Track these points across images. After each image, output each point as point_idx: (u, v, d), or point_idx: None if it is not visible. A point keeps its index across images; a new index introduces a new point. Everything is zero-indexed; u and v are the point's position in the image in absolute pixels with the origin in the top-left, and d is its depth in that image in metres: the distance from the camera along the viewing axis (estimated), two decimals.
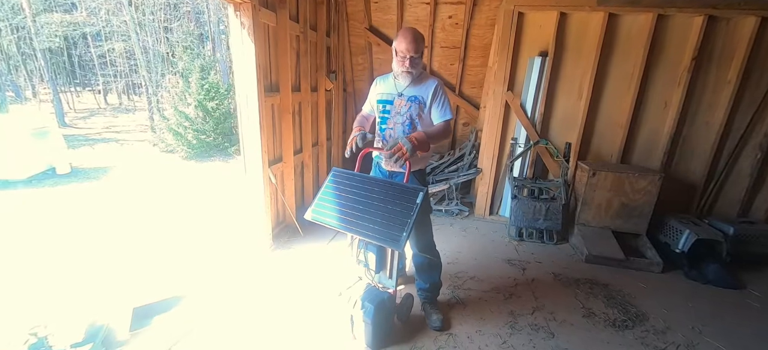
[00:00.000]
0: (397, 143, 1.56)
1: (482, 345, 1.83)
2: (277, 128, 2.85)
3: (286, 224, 3.06)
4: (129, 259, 2.73)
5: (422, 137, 1.61)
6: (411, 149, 1.55)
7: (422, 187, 1.61)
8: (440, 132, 1.73)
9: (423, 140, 1.60)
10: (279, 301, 2.13)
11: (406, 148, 1.54)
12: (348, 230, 1.61)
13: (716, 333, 1.98)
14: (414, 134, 1.62)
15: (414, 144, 1.56)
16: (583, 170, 2.95)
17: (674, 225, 2.76)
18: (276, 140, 2.87)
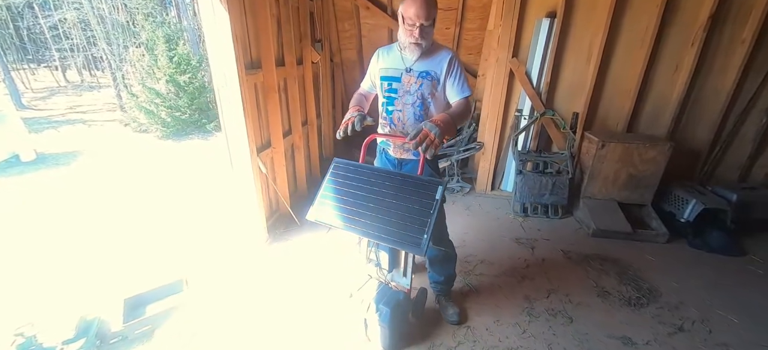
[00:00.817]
0: (421, 130, 1.30)
1: (502, 337, 1.76)
2: (262, 109, 2.56)
3: (281, 213, 2.86)
4: (115, 250, 2.53)
5: (448, 120, 1.36)
6: (439, 134, 1.29)
7: (441, 180, 1.43)
8: (463, 112, 1.51)
9: (449, 123, 1.36)
10: (283, 300, 1.98)
11: (434, 134, 1.28)
12: (358, 233, 1.43)
13: (726, 305, 1.99)
14: (439, 117, 1.36)
15: (441, 129, 1.31)
16: (591, 142, 2.83)
17: (679, 194, 2.73)
18: (262, 124, 2.58)
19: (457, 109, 1.51)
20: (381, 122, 1.75)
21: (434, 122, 1.32)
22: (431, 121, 1.33)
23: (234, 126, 2.22)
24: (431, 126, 1.30)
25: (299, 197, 3.17)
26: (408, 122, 1.64)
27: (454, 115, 1.44)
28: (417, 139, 1.28)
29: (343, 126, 1.52)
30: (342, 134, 1.52)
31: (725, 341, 1.74)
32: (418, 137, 1.28)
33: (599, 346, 1.71)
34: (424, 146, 1.27)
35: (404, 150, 1.72)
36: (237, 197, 2.45)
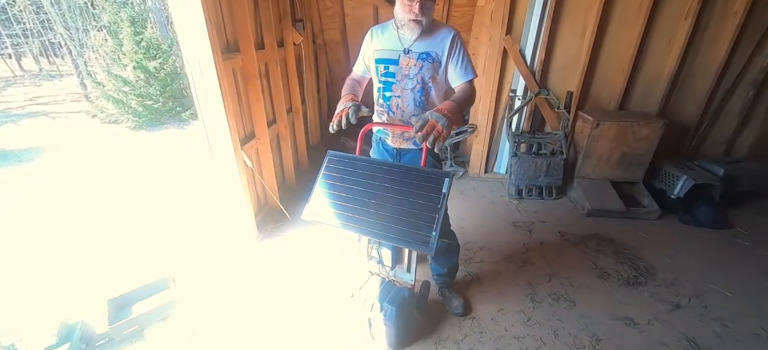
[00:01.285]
0: (427, 121, 1.17)
1: (508, 326, 1.73)
2: (243, 98, 2.36)
3: (269, 208, 2.71)
4: (94, 250, 2.37)
5: (455, 108, 1.24)
6: (447, 125, 1.17)
7: (448, 172, 1.33)
8: (469, 98, 1.40)
9: (457, 112, 1.24)
10: (279, 299, 1.88)
11: (442, 125, 1.16)
12: (360, 233, 1.33)
13: (718, 279, 2.03)
14: (445, 106, 1.24)
15: (449, 119, 1.19)
16: (585, 121, 2.80)
17: (670, 171, 2.76)
18: (244, 113, 2.39)
19: (462, 95, 1.38)
20: (377, 110, 1.63)
21: (441, 112, 1.19)
22: (437, 110, 1.21)
23: (213, 118, 2.03)
24: (438, 116, 1.18)
25: (288, 190, 3.02)
26: (407, 109, 1.52)
27: (461, 102, 1.33)
28: (423, 131, 1.16)
29: (336, 118, 1.38)
30: (335, 127, 1.38)
31: (720, 315, 1.79)
32: (424, 129, 1.16)
33: (604, 329, 1.71)
34: (432, 138, 1.15)
35: (404, 139, 1.61)
36: (222, 193, 2.29)
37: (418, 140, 1.16)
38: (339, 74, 4.58)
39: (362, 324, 1.64)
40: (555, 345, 1.64)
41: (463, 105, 1.34)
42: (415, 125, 1.18)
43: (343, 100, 1.46)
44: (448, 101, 1.30)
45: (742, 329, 1.70)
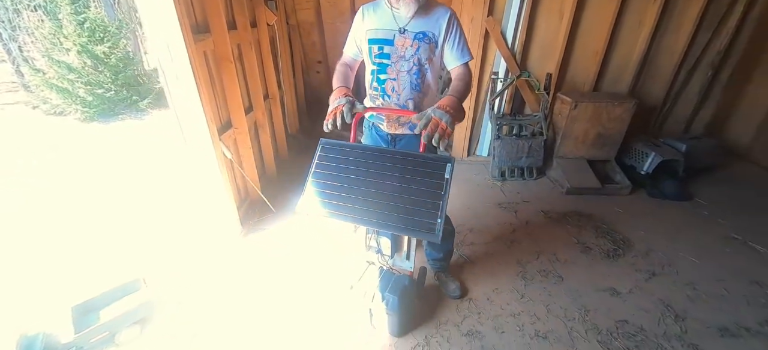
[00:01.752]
0: (430, 118, 1.14)
1: (503, 304, 1.78)
2: (217, 83, 2.18)
3: (251, 201, 2.57)
4: (57, 254, 2.14)
5: (457, 104, 1.22)
6: (451, 122, 1.16)
7: (450, 157, 1.30)
8: (467, 86, 1.36)
9: (458, 107, 1.22)
10: (272, 297, 1.80)
11: (445, 122, 1.14)
12: (362, 223, 1.27)
13: (686, 247, 2.21)
14: (446, 101, 1.21)
15: (452, 115, 1.17)
16: (564, 102, 2.88)
17: (639, 149, 2.93)
18: (219, 101, 2.22)
19: (460, 84, 1.34)
20: (370, 93, 1.55)
21: (443, 109, 1.17)
22: (439, 107, 1.18)
23: (187, 107, 1.85)
24: (441, 113, 1.15)
25: (269, 181, 2.88)
26: (403, 92, 1.46)
27: (461, 94, 1.30)
28: (427, 129, 1.13)
29: (329, 117, 1.28)
30: (330, 126, 1.28)
31: (690, 279, 1.94)
32: (428, 127, 1.13)
33: (591, 300, 1.81)
34: (437, 136, 1.12)
35: (399, 124, 1.55)
36: (200, 187, 2.13)
37: (424, 138, 1.13)
38: (314, 58, 4.39)
39: (363, 315, 1.61)
40: (548, 318, 1.71)
41: (463, 97, 1.31)
42: (418, 124, 1.15)
43: (336, 94, 1.36)
44: (448, 95, 1.26)
45: (709, 291, 1.87)
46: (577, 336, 1.61)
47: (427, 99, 1.52)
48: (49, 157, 3.98)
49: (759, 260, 2.08)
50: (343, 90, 1.37)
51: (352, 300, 1.57)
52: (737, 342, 1.59)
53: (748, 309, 1.76)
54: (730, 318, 1.70)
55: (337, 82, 1.44)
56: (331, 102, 1.35)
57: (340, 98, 1.31)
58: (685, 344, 1.57)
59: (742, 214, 2.50)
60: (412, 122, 1.16)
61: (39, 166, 3.69)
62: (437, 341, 1.58)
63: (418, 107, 1.50)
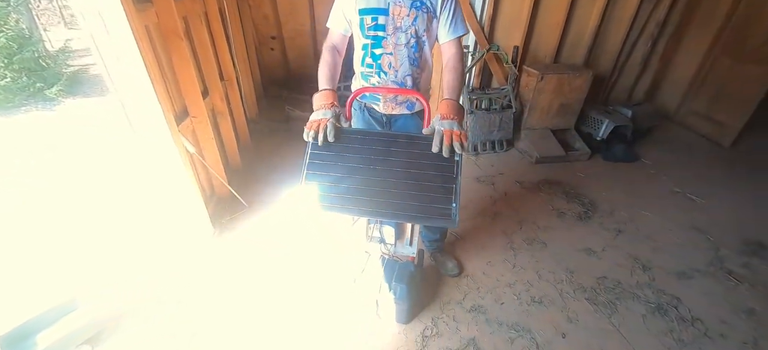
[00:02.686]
0: (441, 135, 1.09)
1: (498, 276, 1.84)
2: (166, 64, 1.85)
3: (219, 197, 2.31)
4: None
5: (457, 107, 1.16)
6: (459, 126, 1.12)
7: None
8: (461, 77, 1.30)
9: (457, 109, 1.16)
10: (262, 299, 1.65)
11: (457, 130, 1.10)
12: (373, 215, 1.18)
13: (640, 203, 2.47)
14: (447, 110, 1.13)
15: (459, 120, 1.13)
16: (530, 75, 2.98)
17: (594, 116, 3.18)
18: (170, 85, 1.89)
19: (453, 77, 1.26)
20: (363, 71, 1.41)
21: (448, 118, 1.12)
22: (444, 118, 1.12)
23: (135, 94, 1.54)
24: (450, 123, 1.11)
25: (235, 173, 2.60)
26: (401, 68, 1.35)
27: (458, 92, 1.26)
28: (447, 144, 1.07)
29: (311, 129, 1.13)
30: (309, 138, 1.13)
31: (649, 233, 2.19)
32: (446, 143, 1.07)
33: (573, 261, 1.94)
34: (458, 145, 1.07)
35: (396, 104, 1.45)
36: (160, 187, 1.84)
37: (445, 153, 1.08)
38: (267, 33, 3.99)
39: (367, 307, 1.55)
40: (540, 283, 1.81)
41: (460, 94, 1.26)
42: (435, 146, 1.09)
43: (321, 100, 1.19)
44: (446, 100, 1.18)
45: (666, 241, 2.12)
46: (568, 297, 1.73)
47: (425, 75, 1.43)
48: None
49: (697, 209, 2.41)
50: (330, 96, 1.21)
51: (354, 293, 1.49)
52: (693, 283, 1.83)
53: (696, 252, 2.03)
54: (684, 262, 1.96)
55: (323, 81, 1.27)
56: (315, 105, 1.19)
57: (326, 110, 1.17)
58: (654, 290, 1.78)
59: (679, 170, 2.87)
60: (433, 149, 1.10)
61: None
62: (444, 321, 1.59)
63: (417, 85, 1.40)
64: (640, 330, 1.58)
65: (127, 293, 1.68)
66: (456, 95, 1.24)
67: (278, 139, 3.18)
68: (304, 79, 4.17)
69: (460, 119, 1.15)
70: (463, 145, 1.09)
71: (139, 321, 1.56)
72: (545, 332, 1.56)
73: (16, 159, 3.15)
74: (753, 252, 2.02)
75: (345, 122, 1.21)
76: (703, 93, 3.48)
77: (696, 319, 1.63)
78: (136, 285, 1.71)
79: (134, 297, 1.66)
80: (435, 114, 1.18)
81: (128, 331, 1.51)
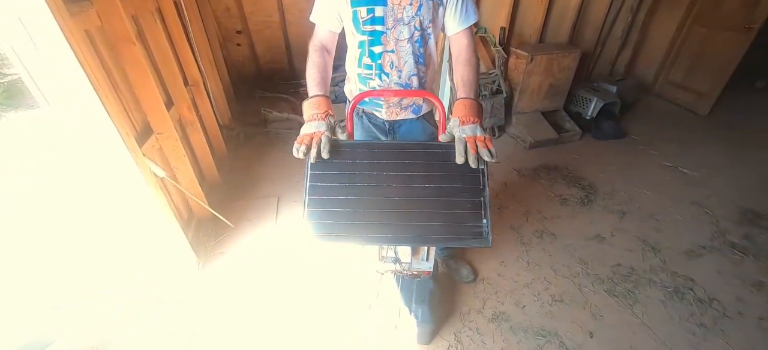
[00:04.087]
0: (464, 143, 0.93)
1: (514, 277, 1.75)
2: (116, 74, 1.56)
3: (199, 219, 2.05)
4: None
5: (477, 107, 1.00)
6: (482, 129, 0.96)
7: None
8: (476, 71, 1.12)
9: (478, 111, 0.99)
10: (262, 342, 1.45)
11: (480, 134, 0.94)
12: (398, 243, 1.03)
13: (636, 181, 2.47)
14: (462, 112, 0.97)
15: (480, 122, 0.98)
16: (519, 57, 2.87)
17: (582, 95, 3.15)
18: (126, 100, 1.60)
19: (468, 72, 1.08)
20: (360, 73, 1.21)
21: (469, 122, 0.95)
22: (464, 123, 0.95)
23: (82, 117, 1.26)
24: (473, 128, 0.94)
25: (214, 189, 2.33)
26: (405, 67, 1.18)
27: (476, 89, 1.08)
28: (473, 153, 0.91)
29: (302, 143, 0.93)
30: (300, 155, 0.93)
31: (650, 211, 2.18)
32: (472, 152, 0.92)
33: (585, 251, 1.89)
34: (486, 152, 0.91)
35: (401, 108, 1.27)
36: (125, 221, 1.57)
37: (472, 164, 0.92)
38: (231, 28, 3.62)
39: (384, 331, 1.40)
40: (557, 279, 1.73)
41: (478, 89, 1.10)
42: (459, 157, 0.92)
43: (311, 109, 0.98)
44: (462, 99, 1.01)
45: (668, 218, 2.12)
46: (587, 291, 1.67)
47: (430, 72, 1.27)
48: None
49: (691, 182, 2.44)
50: (323, 104, 1.00)
51: (371, 320, 1.34)
52: (702, 261, 1.83)
53: (698, 228, 2.05)
54: (689, 239, 1.96)
55: (313, 86, 1.06)
56: (306, 115, 0.99)
57: (319, 121, 0.96)
58: (668, 273, 1.76)
59: (665, 144, 2.91)
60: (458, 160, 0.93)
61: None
62: (467, 336, 1.47)
63: (423, 84, 1.23)
64: (663, 319, 1.55)
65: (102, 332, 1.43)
66: (474, 93, 1.07)
67: (257, 145, 2.90)
68: (276, 75, 3.86)
69: (481, 121, 0.99)
70: (491, 152, 0.93)
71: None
72: (572, 334, 1.49)
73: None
74: (750, 222, 2.07)
75: (342, 134, 1.01)
76: (680, 63, 3.54)
77: (712, 299, 1.62)
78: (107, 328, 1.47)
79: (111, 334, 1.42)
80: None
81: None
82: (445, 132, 1.03)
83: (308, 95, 1.05)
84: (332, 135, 0.96)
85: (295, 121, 3.14)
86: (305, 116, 0.99)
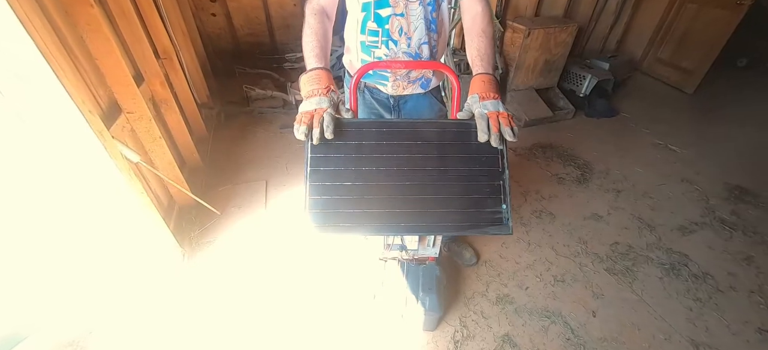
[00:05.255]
0: (487, 119, 0.82)
1: (516, 258, 1.72)
2: (74, 43, 1.34)
3: (181, 207, 1.89)
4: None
5: (494, 83, 0.90)
6: (504, 105, 0.86)
7: None
8: (493, 42, 1.01)
9: (496, 87, 0.90)
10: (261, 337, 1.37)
11: (503, 110, 0.84)
12: (412, 233, 0.94)
13: (630, 159, 2.48)
14: (480, 87, 0.88)
15: (501, 97, 0.87)
16: (516, 31, 2.77)
17: (576, 72, 3.10)
18: (87, 73, 1.39)
19: (485, 44, 0.96)
20: (364, 41, 1.08)
21: (490, 98, 0.85)
22: (485, 99, 0.85)
23: (31, 94, 1.07)
24: (495, 103, 0.84)
25: (195, 173, 2.16)
26: (416, 33, 1.05)
27: (493, 63, 0.97)
28: (495, 130, 0.81)
29: (303, 123, 0.78)
30: (302, 136, 0.78)
31: (644, 189, 2.20)
32: (495, 129, 0.81)
33: (584, 230, 1.89)
34: (509, 130, 0.81)
35: (409, 81, 1.16)
36: (95, 212, 1.40)
37: (494, 143, 0.82)
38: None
39: (390, 320, 1.34)
40: (558, 259, 1.72)
41: (495, 63, 0.99)
42: (482, 134, 0.82)
43: (310, 84, 0.84)
44: (481, 74, 0.91)
45: (661, 196, 2.14)
46: (588, 270, 1.67)
47: (442, 41, 1.15)
48: None
49: (680, 160, 2.48)
50: (325, 78, 0.86)
51: (376, 310, 1.27)
52: (694, 237, 1.87)
53: (690, 205, 2.08)
54: (682, 216, 1.99)
55: (312, 58, 0.90)
56: (303, 91, 0.84)
57: (321, 96, 0.82)
58: (663, 250, 1.78)
59: (654, 122, 2.93)
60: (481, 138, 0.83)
61: None
62: (473, 319, 1.44)
63: (434, 55, 1.12)
64: (662, 295, 1.57)
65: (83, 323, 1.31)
66: (492, 67, 0.97)
67: (239, 125, 2.71)
68: (257, 50, 3.59)
69: (501, 97, 0.90)
70: (513, 131, 0.84)
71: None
72: (576, 313, 1.48)
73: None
74: (737, 198, 2.12)
75: (346, 112, 0.88)
76: (669, 41, 3.55)
77: (706, 275, 1.66)
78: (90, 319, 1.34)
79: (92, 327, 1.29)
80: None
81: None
82: (460, 110, 0.93)
83: (306, 68, 0.91)
84: (336, 113, 0.83)
85: (280, 98, 2.94)
86: (303, 93, 0.86)
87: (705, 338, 1.42)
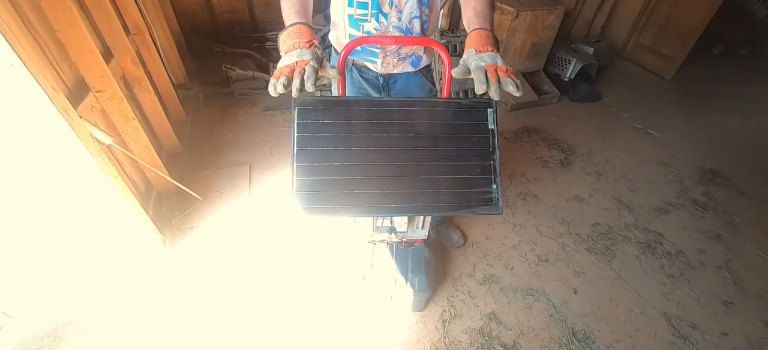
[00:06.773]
0: (482, 70, 0.71)
1: (502, 239, 1.75)
2: (31, 13, 1.22)
3: (159, 192, 1.81)
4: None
5: (492, 39, 0.81)
6: (503, 59, 0.76)
7: (488, 100, 0.97)
8: (492, 4, 0.94)
9: (495, 43, 0.81)
10: (248, 323, 1.35)
11: (501, 63, 0.73)
12: (403, 214, 0.93)
13: (611, 143, 2.54)
14: (477, 41, 0.78)
15: (499, 51, 0.78)
16: (504, 13, 2.74)
17: (562, 56, 3.12)
18: (47, 45, 1.28)
19: (483, 3, 0.89)
20: (352, 13, 1.03)
21: (488, 51, 0.75)
22: (482, 52, 0.75)
23: None
24: (492, 56, 0.74)
25: (174, 157, 2.06)
26: (407, 7, 1.02)
27: (490, 17, 0.88)
28: (493, 81, 0.69)
29: (282, 75, 0.68)
30: (280, 89, 0.67)
31: (623, 172, 2.27)
32: (493, 80, 0.69)
33: (567, 212, 1.94)
34: (509, 82, 0.69)
35: (399, 59, 1.12)
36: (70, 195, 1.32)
37: (493, 94, 0.70)
38: None
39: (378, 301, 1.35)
40: (542, 240, 1.77)
41: (493, 22, 0.92)
42: (479, 85, 0.70)
43: (291, 38, 0.76)
44: (478, 29, 0.82)
45: (639, 178, 2.22)
46: (570, 250, 1.72)
47: (433, 17, 1.11)
48: None
49: (658, 144, 2.56)
50: (306, 32, 0.78)
51: (365, 292, 1.27)
52: (669, 217, 1.95)
53: (665, 187, 2.17)
54: (658, 197, 2.07)
55: (292, 14, 0.82)
56: (284, 46, 0.76)
57: (302, 49, 0.73)
58: (640, 229, 1.86)
59: (634, 106, 3.01)
60: (478, 90, 0.73)
61: None
62: (460, 299, 1.47)
63: (425, 31, 1.08)
64: (638, 272, 1.64)
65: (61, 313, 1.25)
66: (490, 25, 0.88)
67: (219, 107, 2.60)
68: (237, 28, 3.43)
69: (500, 53, 0.79)
70: (517, 84, 0.70)
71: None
72: (558, 291, 1.53)
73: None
74: (709, 180, 2.22)
75: (332, 69, 0.76)
76: (650, 27, 3.62)
77: (679, 252, 1.75)
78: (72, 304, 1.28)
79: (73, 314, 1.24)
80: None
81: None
82: (450, 90, 0.90)
83: (285, 25, 0.82)
84: (317, 68, 0.72)
85: (262, 80, 2.83)
86: (283, 48, 0.77)
87: (677, 311, 1.50)
